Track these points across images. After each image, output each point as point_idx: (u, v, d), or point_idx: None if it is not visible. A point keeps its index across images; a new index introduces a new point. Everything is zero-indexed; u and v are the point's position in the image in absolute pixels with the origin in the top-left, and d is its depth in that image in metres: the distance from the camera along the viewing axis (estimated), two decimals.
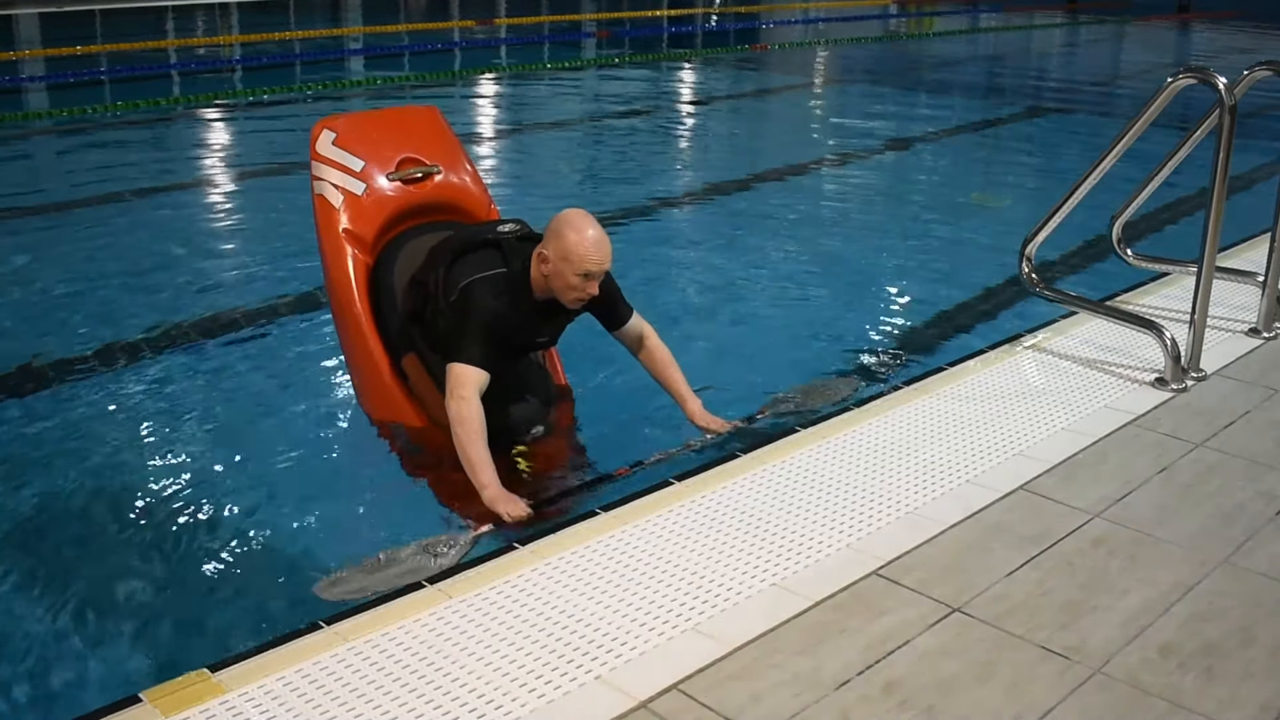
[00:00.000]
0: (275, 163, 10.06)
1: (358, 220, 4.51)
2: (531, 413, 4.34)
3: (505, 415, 4.18)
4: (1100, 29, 25.88)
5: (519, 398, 4.29)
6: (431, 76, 15.39)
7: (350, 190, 4.53)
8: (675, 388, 4.40)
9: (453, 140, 4.93)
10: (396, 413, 4.41)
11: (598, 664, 2.79)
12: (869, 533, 3.42)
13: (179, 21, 21.90)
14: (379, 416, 4.51)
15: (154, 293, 6.57)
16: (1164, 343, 4.61)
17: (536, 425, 4.35)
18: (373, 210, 4.54)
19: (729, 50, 20.59)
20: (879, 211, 8.99)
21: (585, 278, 3.97)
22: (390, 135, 4.75)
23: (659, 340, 4.42)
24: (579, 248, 3.92)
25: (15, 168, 10.28)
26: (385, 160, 4.63)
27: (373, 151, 4.62)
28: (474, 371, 3.91)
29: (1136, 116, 4.69)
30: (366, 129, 4.76)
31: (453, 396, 3.89)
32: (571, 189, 9.30)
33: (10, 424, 4.88)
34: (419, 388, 4.37)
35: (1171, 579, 3.23)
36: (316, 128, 4.66)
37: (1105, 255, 5.96)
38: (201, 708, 2.62)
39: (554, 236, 3.98)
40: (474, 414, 3.86)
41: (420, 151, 4.73)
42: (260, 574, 3.79)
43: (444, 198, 4.74)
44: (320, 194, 4.56)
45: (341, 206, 4.51)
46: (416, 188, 4.68)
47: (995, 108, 14.59)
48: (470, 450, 3.84)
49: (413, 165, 4.69)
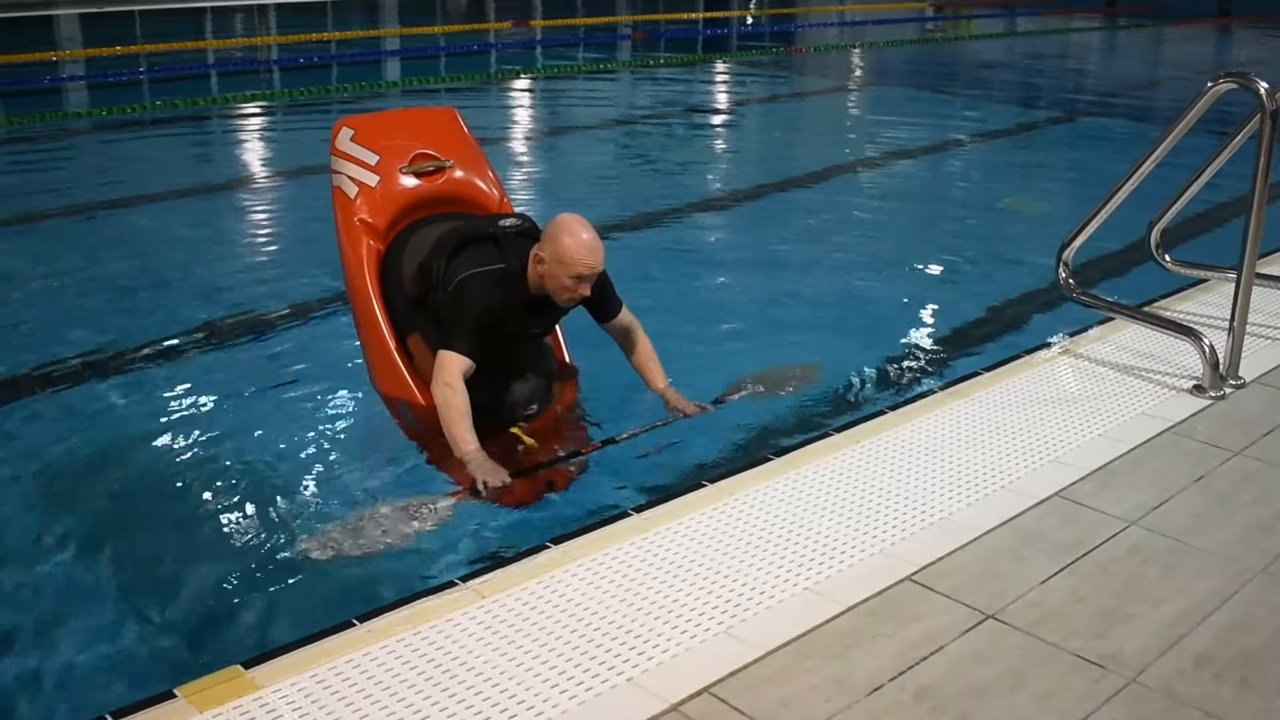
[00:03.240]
0: (313, 164, 10.11)
1: (371, 211, 4.78)
2: (530, 391, 4.53)
3: (506, 394, 4.42)
4: (1138, 33, 25.70)
5: (519, 376, 4.49)
6: (467, 78, 15.45)
7: (365, 183, 4.80)
8: (651, 376, 4.65)
9: (468, 139, 5.17)
10: (401, 389, 4.61)
11: (629, 666, 2.79)
12: (902, 538, 3.41)
13: (218, 22, 22.08)
14: (385, 391, 4.73)
15: (188, 288, 6.66)
16: (1202, 349, 4.57)
17: (534, 403, 4.55)
18: (385, 201, 4.81)
19: (764, 53, 20.56)
20: (914, 215, 8.95)
21: (577, 280, 4.16)
22: (406, 132, 5.04)
23: (643, 335, 4.66)
24: (573, 252, 4.11)
25: (56, 166, 10.39)
26: (400, 155, 4.89)
27: (388, 147, 4.89)
28: (460, 360, 4.15)
29: (1176, 121, 4.65)
30: (384, 127, 5.07)
31: (438, 383, 4.14)
32: (603, 191, 9.30)
33: (46, 420, 4.93)
34: (422, 365, 4.57)
35: (1208, 588, 3.20)
36: (337, 126, 4.95)
37: (1143, 261, 5.91)
38: (235, 704, 2.64)
39: (550, 240, 4.16)
40: (458, 399, 4.11)
41: (435, 148, 4.98)
42: (294, 570, 3.81)
43: (456, 191, 4.97)
44: (338, 186, 4.84)
45: (357, 198, 4.78)
46: (429, 181, 4.92)
47: (1032, 112, 14.51)
48: (454, 429, 4.10)
49: (426, 160, 4.93)
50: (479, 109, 12.93)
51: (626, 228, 7.98)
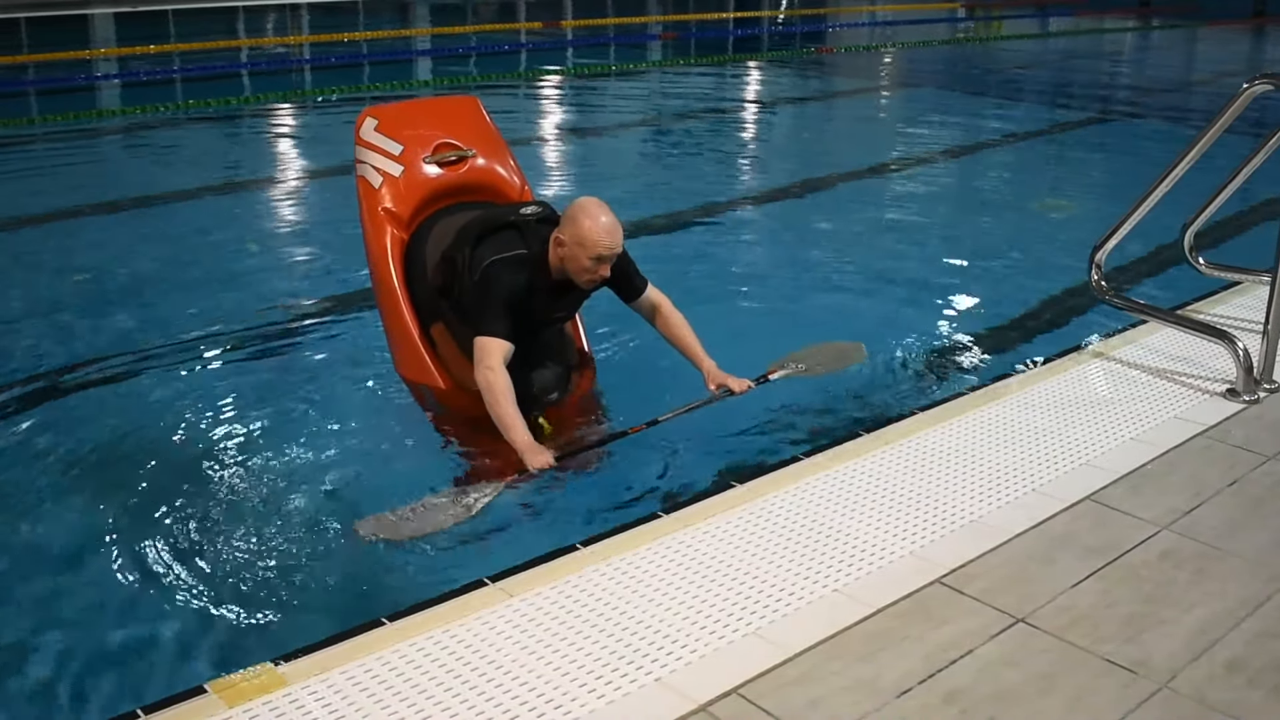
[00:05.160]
0: (345, 162, 10.16)
1: (395, 200, 4.84)
2: (552, 378, 4.60)
3: (528, 382, 4.44)
4: (1172, 33, 25.51)
5: (540, 364, 4.55)
6: (498, 77, 15.48)
7: (389, 172, 4.86)
8: (691, 350, 4.60)
9: (490, 128, 5.22)
10: (424, 375, 4.67)
11: (658, 666, 2.79)
12: (932, 540, 3.40)
13: (250, 22, 22.20)
14: (409, 378, 4.79)
15: (221, 284, 6.70)
16: (1236, 353, 4.54)
17: (556, 390, 4.60)
18: (409, 191, 4.87)
19: (795, 53, 20.52)
20: (946, 216, 8.91)
21: (597, 261, 4.22)
22: (429, 122, 5.09)
23: (674, 308, 4.63)
24: (592, 234, 4.17)
25: (90, 163, 10.47)
26: (423, 144, 4.95)
27: (412, 137, 4.95)
28: (498, 343, 4.19)
29: (1210, 122, 4.62)
30: (408, 116, 5.13)
31: (481, 366, 4.17)
32: (637, 187, 9.30)
33: (86, 413, 4.97)
34: (445, 352, 4.65)
35: (1241, 594, 3.18)
36: (361, 116, 5.01)
37: (1176, 263, 5.87)
38: (265, 700, 2.65)
39: (569, 222, 4.23)
40: (501, 381, 4.14)
41: (457, 137, 5.03)
42: (324, 567, 3.83)
43: (478, 180, 5.02)
44: (362, 175, 4.91)
45: (381, 187, 4.84)
46: (451, 170, 4.98)
47: (1065, 112, 14.42)
48: (500, 410, 4.11)
49: (449, 149, 4.98)
50: (509, 109, 12.96)
51: (660, 224, 7.99)
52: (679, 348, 4.62)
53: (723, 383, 4.50)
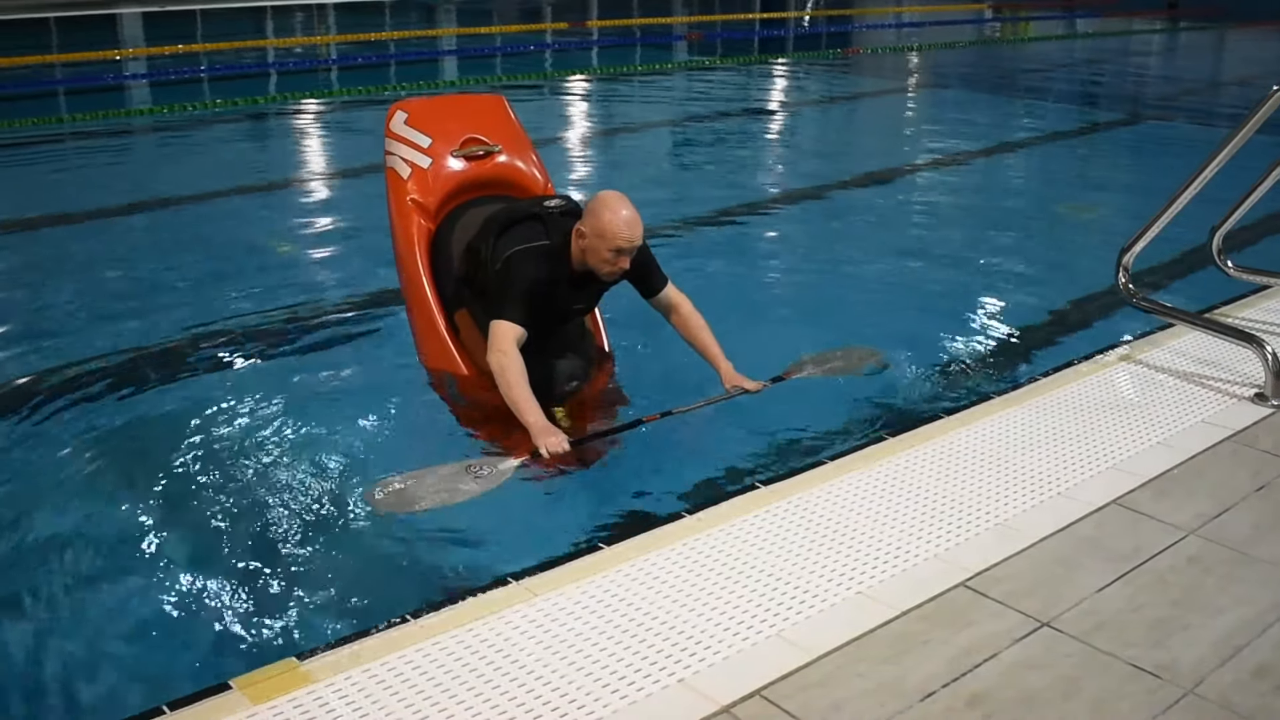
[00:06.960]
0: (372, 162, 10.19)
1: (422, 191, 4.97)
2: (572, 369, 4.66)
3: (549, 372, 4.51)
4: (1200, 35, 25.35)
5: (561, 355, 4.62)
6: (524, 77, 15.51)
7: (418, 164, 4.99)
8: (707, 350, 4.64)
9: (515, 125, 5.33)
10: (447, 362, 4.77)
11: (680, 667, 2.79)
12: (957, 543, 3.39)
13: (277, 21, 22.30)
14: (431, 365, 4.87)
15: (248, 282, 6.73)
16: (1264, 357, 4.51)
17: (575, 381, 4.66)
18: (436, 183, 5.00)
19: (821, 55, 20.48)
20: (971, 218, 8.87)
21: (617, 253, 4.28)
22: (457, 118, 5.22)
23: (692, 307, 4.67)
24: (612, 226, 4.22)
25: (118, 164, 10.53)
26: (451, 139, 5.07)
27: (440, 131, 5.08)
28: (512, 327, 4.25)
29: (1239, 125, 4.59)
30: (437, 111, 5.26)
31: (493, 350, 4.24)
32: (656, 187, 9.28)
33: (113, 407, 5.00)
34: (468, 340, 4.73)
35: (1268, 599, 3.15)
36: (392, 109, 5.16)
37: (1204, 266, 5.83)
38: (289, 697, 2.66)
39: (590, 215, 4.28)
40: (513, 364, 4.19)
41: (484, 133, 5.16)
42: (348, 563, 3.84)
43: (503, 174, 5.15)
44: (391, 167, 5.04)
45: (409, 179, 4.97)
46: (477, 164, 5.10)
47: (1091, 114, 14.34)
48: (514, 393, 4.16)
49: (475, 144, 5.11)
50: (535, 109, 12.97)
51: (682, 222, 7.99)
52: (696, 347, 4.66)
53: (738, 384, 4.53)
